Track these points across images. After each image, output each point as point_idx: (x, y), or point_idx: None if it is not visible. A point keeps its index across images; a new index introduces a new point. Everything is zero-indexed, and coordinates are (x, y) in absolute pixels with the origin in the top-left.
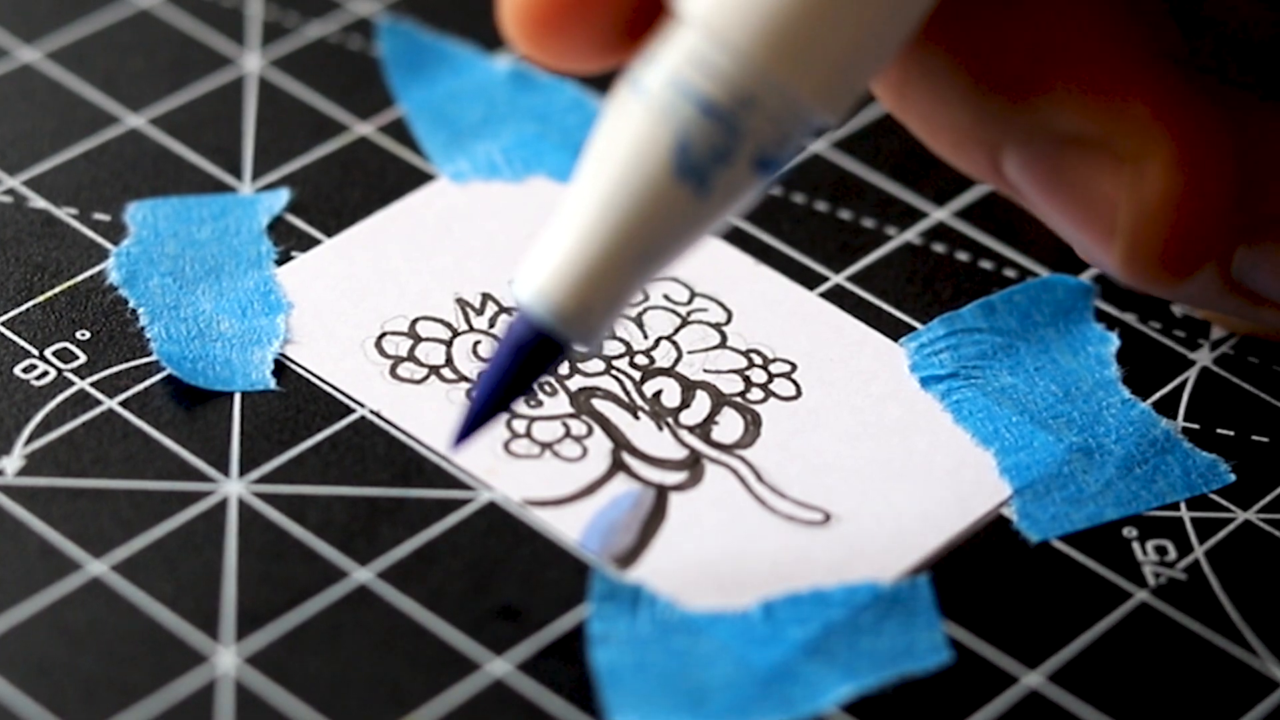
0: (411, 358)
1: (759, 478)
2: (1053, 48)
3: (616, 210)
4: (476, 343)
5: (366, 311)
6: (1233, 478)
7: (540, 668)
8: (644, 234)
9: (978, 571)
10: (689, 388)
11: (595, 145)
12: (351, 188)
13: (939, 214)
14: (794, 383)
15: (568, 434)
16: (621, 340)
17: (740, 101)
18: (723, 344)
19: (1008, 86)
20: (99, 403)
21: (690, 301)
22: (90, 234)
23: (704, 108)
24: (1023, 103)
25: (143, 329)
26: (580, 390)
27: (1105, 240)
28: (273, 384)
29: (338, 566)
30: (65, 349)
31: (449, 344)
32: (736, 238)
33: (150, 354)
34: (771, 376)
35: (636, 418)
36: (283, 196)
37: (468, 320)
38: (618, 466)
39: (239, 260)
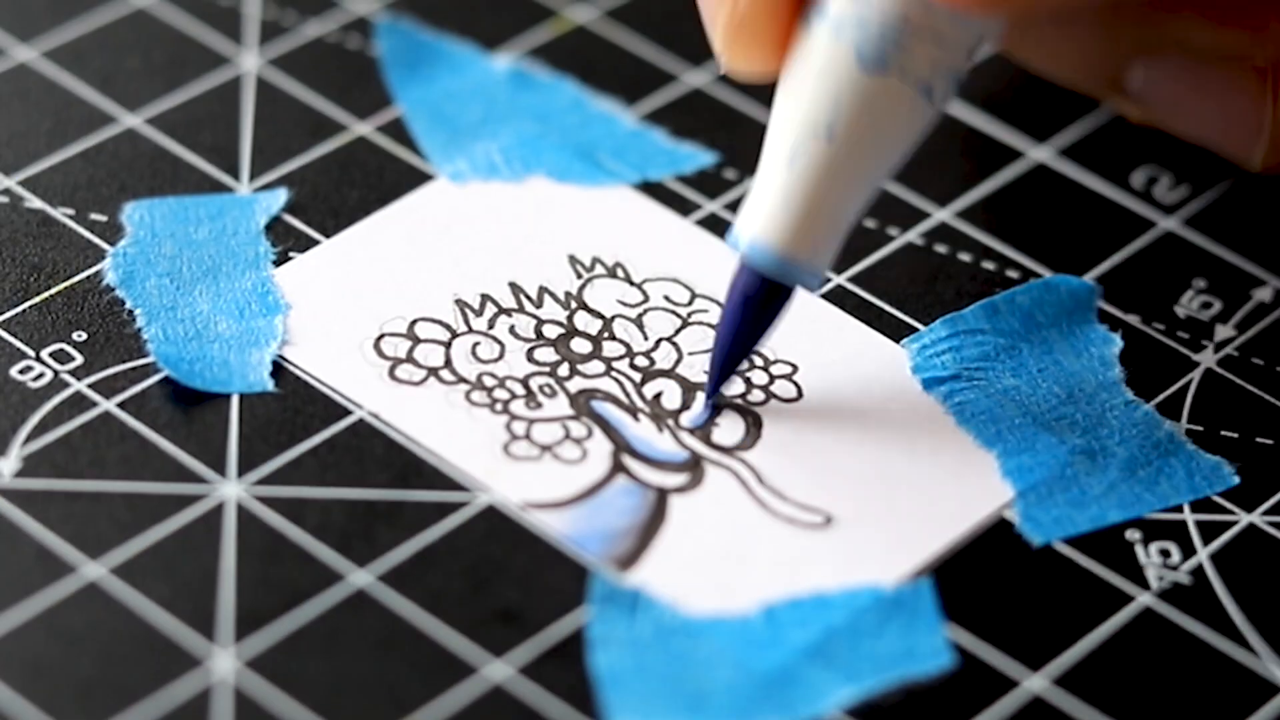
0: (410, 359)
1: (760, 480)
2: None
3: (813, 113)
4: (475, 344)
5: (365, 313)
6: (1237, 480)
7: (540, 671)
8: (847, 133)
9: (980, 574)
10: (689, 389)
11: (786, 79)
12: (350, 188)
13: (941, 214)
14: (795, 384)
15: (567, 436)
16: (621, 342)
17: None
18: None
19: (1136, 17)
20: (96, 404)
21: (691, 303)
22: (87, 234)
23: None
24: (1154, 24)
25: (140, 330)
26: (580, 392)
27: (1248, 140)
28: (271, 385)
29: (336, 569)
30: (62, 350)
31: (448, 345)
32: None
33: (147, 355)
34: (772, 378)
35: (637, 419)
36: (280, 197)
37: (467, 321)
38: (618, 469)
39: (237, 261)
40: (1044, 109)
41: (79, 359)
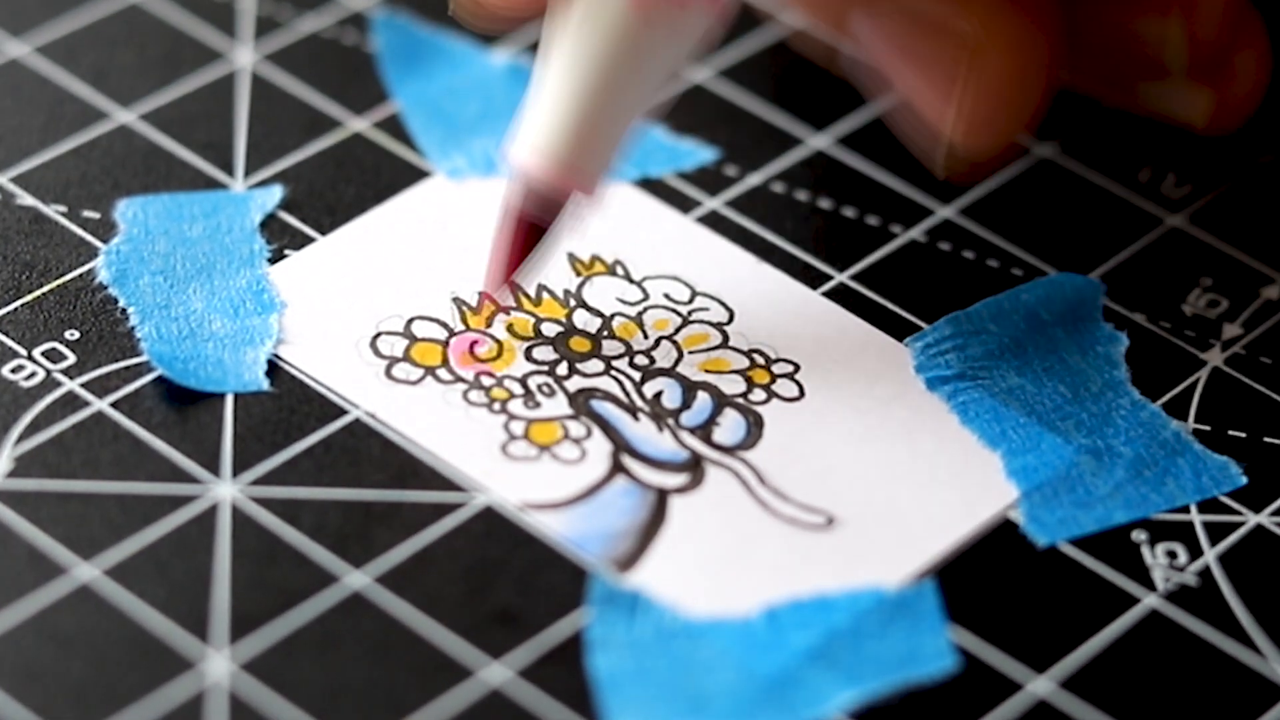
0: (407, 358)
1: (761, 480)
2: None
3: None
4: (473, 342)
5: (361, 311)
6: (1244, 480)
7: (539, 674)
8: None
9: (984, 576)
10: (690, 388)
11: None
12: (346, 185)
13: (945, 211)
14: (797, 383)
15: (566, 436)
16: (621, 340)
17: None
18: (724, 344)
19: None
20: (88, 404)
21: (691, 301)
22: (79, 232)
23: None
24: None
25: (133, 329)
26: (579, 391)
27: (941, 108)
28: (265, 385)
29: (331, 571)
30: (54, 349)
31: (445, 344)
32: (739, 236)
33: (141, 354)
34: (774, 377)
35: (636, 419)
36: (276, 194)
37: (464, 320)
38: (617, 469)
39: (231, 259)
40: (1048, 106)
41: (71, 358)
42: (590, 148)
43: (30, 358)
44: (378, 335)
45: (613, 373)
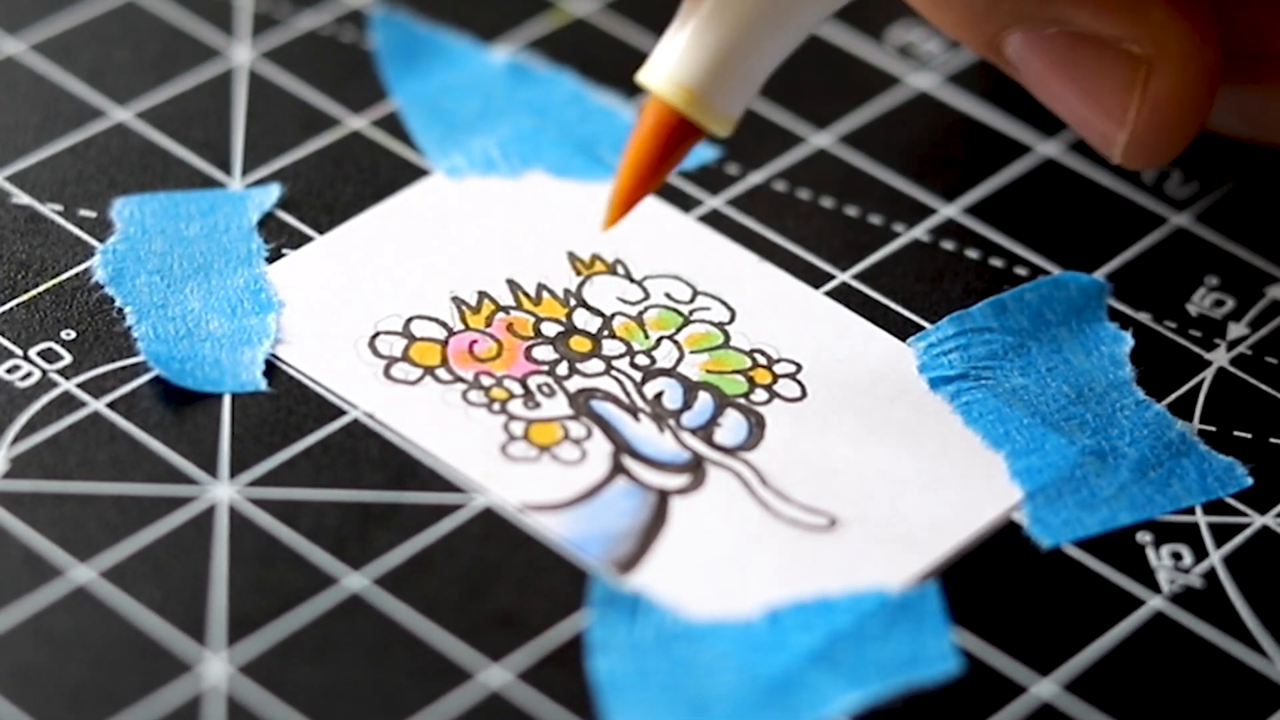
0: (406, 358)
1: (763, 481)
2: None
3: None
4: (473, 342)
5: (359, 311)
6: (1250, 481)
7: (539, 677)
8: None
9: (988, 578)
10: (691, 389)
11: None
12: (344, 183)
13: (948, 210)
14: (799, 383)
15: (566, 436)
16: (622, 340)
17: None
18: (726, 344)
19: None
20: (85, 404)
21: (693, 300)
22: (76, 231)
23: None
24: None
25: (130, 328)
26: (579, 392)
27: (1112, 127)
28: (263, 385)
29: (330, 573)
30: (50, 349)
31: (444, 344)
32: (740, 235)
33: (137, 354)
34: (776, 377)
35: (637, 419)
36: (273, 192)
37: (464, 320)
38: (618, 470)
39: (228, 258)
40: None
41: (67, 358)
42: (735, 91)
43: (26, 358)
44: (376, 335)
45: (613, 373)
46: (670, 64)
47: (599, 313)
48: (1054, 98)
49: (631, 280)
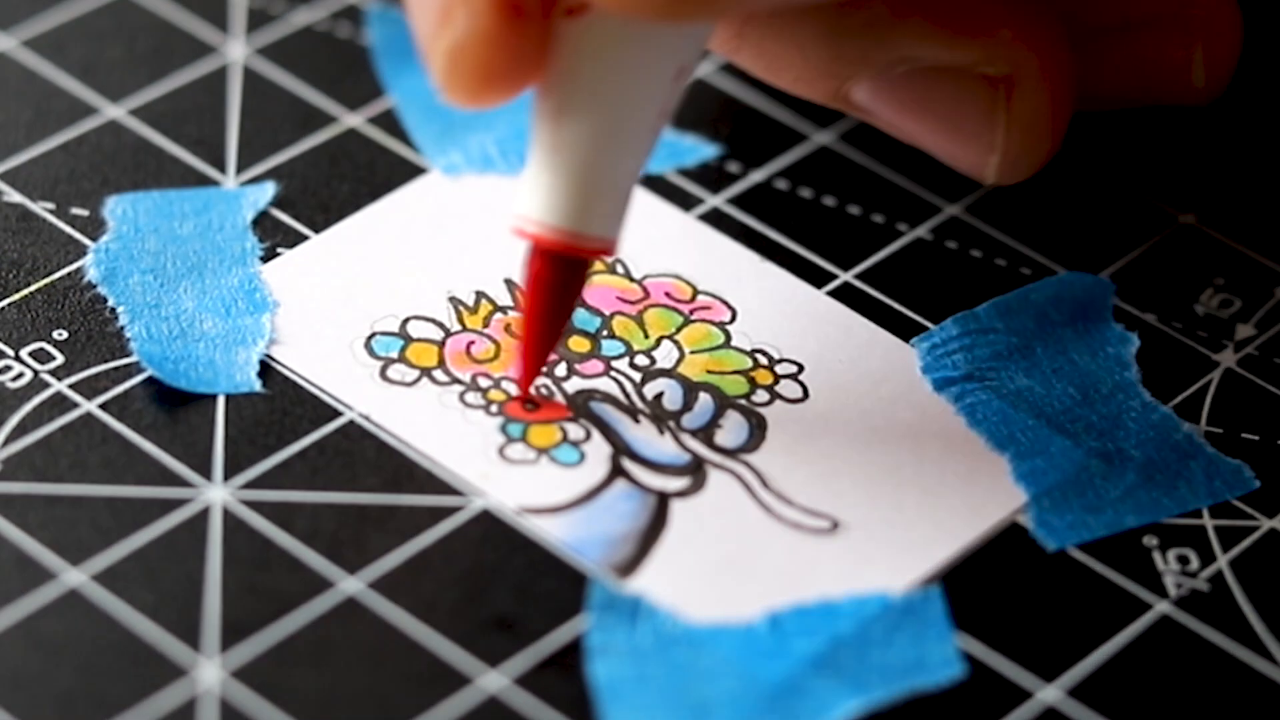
0: (402, 359)
1: (764, 484)
2: None
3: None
4: (470, 343)
5: (355, 311)
6: (1258, 484)
7: (537, 681)
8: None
9: (992, 581)
10: (691, 389)
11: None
12: (340, 181)
13: (951, 209)
14: (801, 384)
15: (565, 438)
16: (622, 340)
17: None
18: (727, 344)
19: (862, 26)
20: (77, 405)
21: (693, 299)
22: (68, 229)
23: None
24: (880, 33)
25: (122, 328)
26: (578, 393)
27: (981, 153)
28: (258, 386)
29: (325, 576)
30: (42, 349)
31: (441, 345)
32: (741, 233)
33: (130, 354)
34: (778, 378)
35: (637, 421)
36: (268, 190)
37: (461, 320)
38: (617, 472)
39: (223, 257)
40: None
41: (59, 358)
42: (609, 213)
43: (17, 358)
44: (372, 335)
45: (612, 374)
46: (538, 208)
47: (598, 312)
48: (913, 136)
49: (631, 279)
